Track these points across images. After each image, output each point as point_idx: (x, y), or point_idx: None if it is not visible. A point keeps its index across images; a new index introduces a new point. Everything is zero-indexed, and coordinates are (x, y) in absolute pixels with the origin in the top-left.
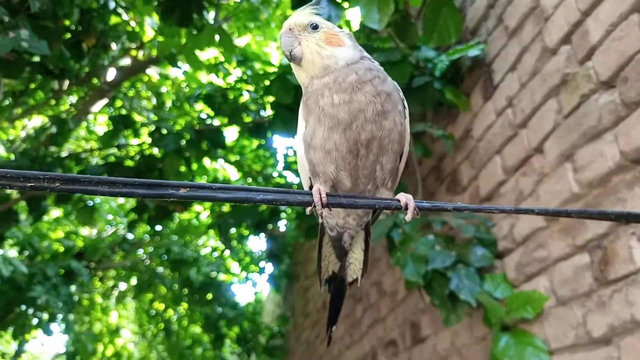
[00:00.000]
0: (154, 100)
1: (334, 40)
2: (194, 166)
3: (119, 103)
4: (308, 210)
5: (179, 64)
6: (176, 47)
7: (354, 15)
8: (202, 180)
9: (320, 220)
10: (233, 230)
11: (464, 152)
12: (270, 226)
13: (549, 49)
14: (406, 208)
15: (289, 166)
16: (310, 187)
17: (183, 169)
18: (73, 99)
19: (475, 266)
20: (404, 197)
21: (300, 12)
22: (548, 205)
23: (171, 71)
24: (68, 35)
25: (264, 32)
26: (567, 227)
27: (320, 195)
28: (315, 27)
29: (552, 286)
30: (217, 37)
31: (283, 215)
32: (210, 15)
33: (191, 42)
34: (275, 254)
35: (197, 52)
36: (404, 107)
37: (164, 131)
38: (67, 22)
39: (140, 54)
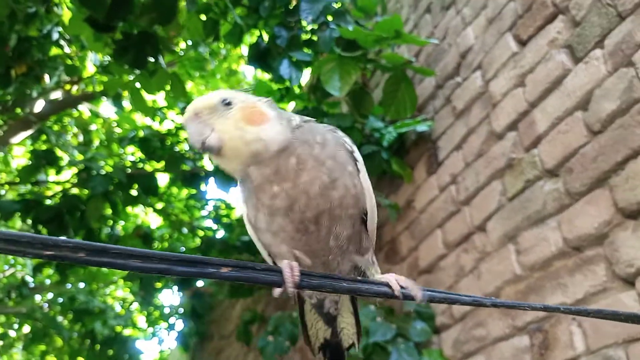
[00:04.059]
0: (80, 137)
1: (255, 117)
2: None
3: (44, 137)
4: (277, 292)
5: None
6: (123, 88)
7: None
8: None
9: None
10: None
11: (405, 222)
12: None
13: (495, 133)
14: (404, 297)
15: (219, 220)
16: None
17: (108, 212)
18: None
19: (414, 340)
20: (395, 282)
21: (204, 96)
22: (489, 285)
23: (102, 109)
24: None
25: (207, 81)
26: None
27: (292, 271)
28: (228, 104)
29: None
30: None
31: None
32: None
33: (141, 84)
34: (199, 312)
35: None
36: (355, 162)
37: (94, 172)
38: None
39: (75, 89)
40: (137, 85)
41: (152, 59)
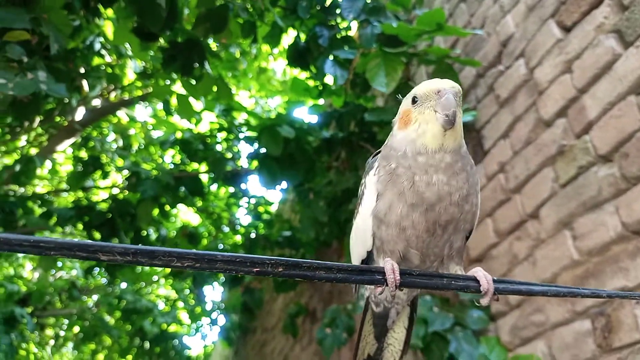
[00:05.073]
0: (120, 142)
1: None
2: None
3: (91, 143)
4: (378, 290)
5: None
6: (170, 94)
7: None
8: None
9: (367, 294)
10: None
11: None
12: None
13: (543, 121)
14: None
15: (259, 216)
16: (363, 262)
17: (155, 213)
18: (27, 136)
19: (472, 329)
20: (483, 278)
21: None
22: (545, 271)
23: (136, 114)
24: None
25: (238, 81)
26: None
27: (394, 274)
28: (459, 98)
29: (550, 351)
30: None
31: None
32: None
33: (187, 90)
34: (250, 307)
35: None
36: (478, 185)
37: (142, 176)
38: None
39: (112, 95)
40: (183, 91)
41: (198, 66)
